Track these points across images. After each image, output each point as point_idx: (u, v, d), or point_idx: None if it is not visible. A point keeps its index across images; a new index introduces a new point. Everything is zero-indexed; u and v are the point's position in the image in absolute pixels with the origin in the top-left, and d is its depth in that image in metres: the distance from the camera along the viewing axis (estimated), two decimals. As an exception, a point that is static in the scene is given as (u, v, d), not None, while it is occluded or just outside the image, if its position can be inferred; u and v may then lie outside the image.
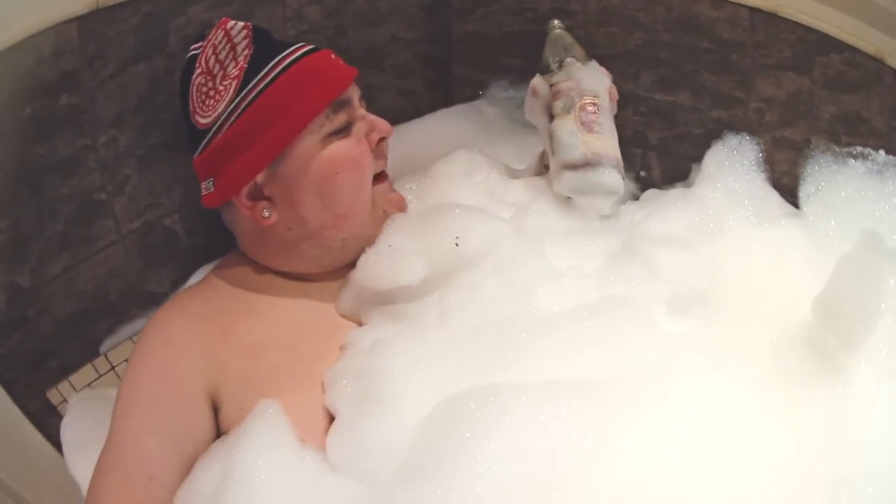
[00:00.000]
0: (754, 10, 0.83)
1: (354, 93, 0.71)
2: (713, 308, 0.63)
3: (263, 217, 0.67)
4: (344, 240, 0.70)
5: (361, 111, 0.71)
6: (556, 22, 0.79)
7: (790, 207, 0.74)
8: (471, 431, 0.49)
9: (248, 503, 0.50)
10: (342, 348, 0.65)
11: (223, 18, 0.69)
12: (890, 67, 0.76)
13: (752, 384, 0.54)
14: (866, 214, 0.64)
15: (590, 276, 0.68)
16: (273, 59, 0.66)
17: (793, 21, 0.81)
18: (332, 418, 0.58)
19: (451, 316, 0.63)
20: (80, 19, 0.69)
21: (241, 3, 0.82)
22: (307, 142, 0.66)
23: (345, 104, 0.68)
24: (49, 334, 0.72)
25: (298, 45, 0.69)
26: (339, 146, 0.67)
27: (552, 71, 0.76)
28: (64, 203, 0.72)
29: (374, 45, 0.99)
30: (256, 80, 0.65)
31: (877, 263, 0.50)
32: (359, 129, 0.69)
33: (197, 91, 0.68)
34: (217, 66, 0.67)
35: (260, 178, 0.66)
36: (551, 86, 0.75)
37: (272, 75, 0.65)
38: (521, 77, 1.01)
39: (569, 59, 0.75)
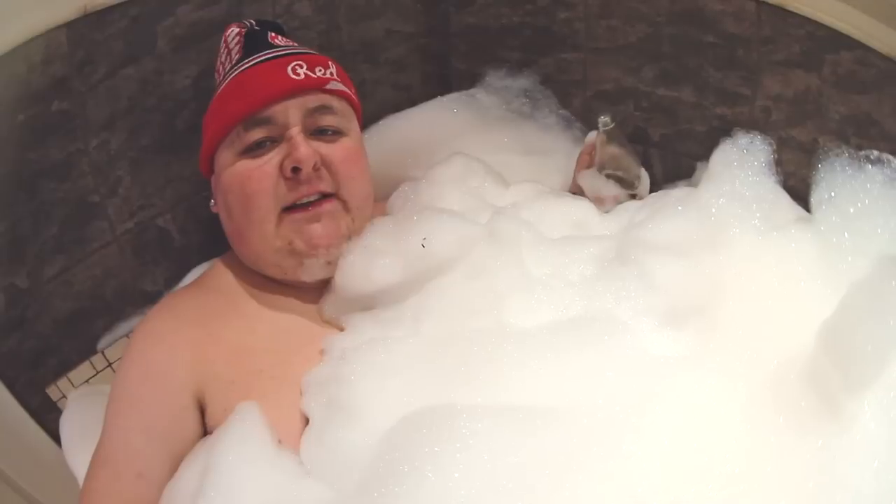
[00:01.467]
0: (761, 4, 0.79)
1: (291, 112, 0.65)
2: (707, 327, 0.59)
3: (211, 204, 0.73)
4: (250, 255, 0.69)
5: (291, 133, 0.65)
6: (608, 121, 0.80)
7: (801, 212, 0.70)
8: (426, 456, 0.48)
9: (222, 500, 0.51)
10: (322, 353, 0.65)
11: (228, 25, 0.72)
12: (903, 67, 0.71)
13: (739, 419, 0.50)
14: (884, 229, 0.59)
15: (575, 284, 0.65)
16: (238, 65, 0.68)
17: (802, 16, 0.76)
18: (308, 422, 0.59)
19: (422, 325, 0.62)
20: (69, 25, 0.69)
21: (230, 3, 0.81)
22: (224, 153, 0.68)
23: (262, 122, 0.65)
24: (48, 333, 0.75)
25: (271, 51, 0.68)
26: (241, 166, 0.66)
27: (634, 186, 0.83)
28: (59, 206, 0.74)
29: (369, 40, 0.97)
30: (221, 84, 0.69)
31: (893, 295, 0.46)
32: (278, 151, 0.65)
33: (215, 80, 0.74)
34: (220, 67, 0.73)
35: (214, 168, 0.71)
36: (634, 196, 0.84)
37: (226, 81, 0.69)
38: (518, 67, 0.99)
39: (643, 174, 0.84)
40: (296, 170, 0.64)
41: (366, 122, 0.89)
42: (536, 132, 0.95)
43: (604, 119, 0.81)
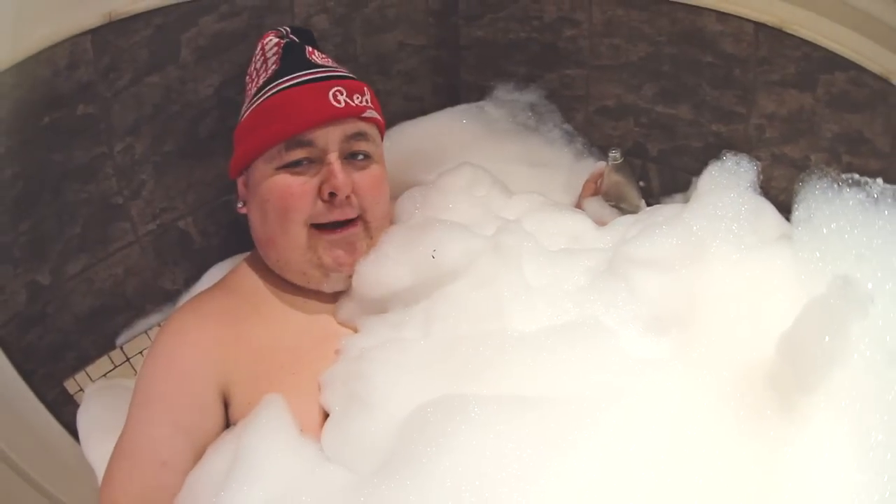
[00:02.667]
0: (759, 25, 0.77)
1: (331, 138, 0.66)
2: (684, 334, 0.61)
3: (238, 206, 0.72)
4: (278, 261, 0.69)
5: (330, 158, 0.66)
6: (617, 156, 0.83)
7: (787, 227, 0.69)
8: (441, 435, 0.51)
9: (253, 482, 0.52)
10: (338, 352, 0.66)
11: (267, 32, 0.71)
12: (896, 88, 0.69)
13: (706, 414, 0.53)
14: (854, 249, 0.60)
15: (569, 293, 0.66)
16: (277, 80, 0.67)
17: (798, 37, 0.74)
18: (326, 414, 0.60)
19: (432, 327, 0.64)
20: (94, 32, 0.67)
21: (250, 14, 0.79)
22: (262, 166, 0.67)
23: (304, 144, 0.65)
24: (67, 328, 0.73)
25: (312, 71, 0.67)
26: (282, 179, 0.66)
27: (636, 209, 0.86)
28: (82, 207, 0.71)
29: (382, 52, 0.95)
30: (260, 95, 0.68)
31: (843, 312, 0.48)
32: (316, 173, 0.66)
33: (246, 83, 0.73)
34: (254, 72, 0.72)
35: (246, 174, 0.70)
36: None
37: (265, 96, 0.67)
38: (525, 82, 0.97)
39: (643, 204, 0.87)
40: (332, 194, 0.66)
41: (379, 131, 0.87)
42: (541, 145, 0.94)
43: (613, 154, 0.82)
